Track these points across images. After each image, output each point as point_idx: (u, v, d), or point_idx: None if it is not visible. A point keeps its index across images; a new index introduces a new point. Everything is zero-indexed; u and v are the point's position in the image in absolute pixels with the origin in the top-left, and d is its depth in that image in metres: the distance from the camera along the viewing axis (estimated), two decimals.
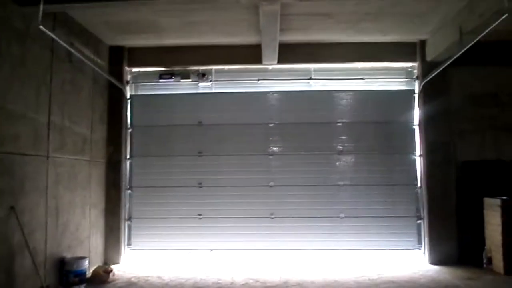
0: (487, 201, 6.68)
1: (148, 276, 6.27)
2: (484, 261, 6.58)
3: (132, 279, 6.17)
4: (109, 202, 7.21)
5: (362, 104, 7.54)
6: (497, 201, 6.40)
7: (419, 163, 7.34)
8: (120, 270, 6.63)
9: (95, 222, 6.78)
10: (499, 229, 6.30)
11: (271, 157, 7.55)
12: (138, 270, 6.67)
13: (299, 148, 7.50)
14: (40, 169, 5.19)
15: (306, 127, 7.53)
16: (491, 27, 5.00)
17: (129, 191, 7.53)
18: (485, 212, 6.70)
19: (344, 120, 7.54)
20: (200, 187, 7.52)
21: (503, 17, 4.69)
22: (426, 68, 7.10)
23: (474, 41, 5.47)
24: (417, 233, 7.28)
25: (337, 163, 7.50)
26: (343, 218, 7.33)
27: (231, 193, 7.46)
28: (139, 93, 7.79)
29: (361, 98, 7.55)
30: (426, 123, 7.21)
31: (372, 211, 7.30)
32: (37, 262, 4.95)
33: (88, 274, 6.00)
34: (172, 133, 7.62)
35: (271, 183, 7.48)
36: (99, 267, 6.31)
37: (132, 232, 7.49)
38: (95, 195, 6.81)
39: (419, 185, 7.33)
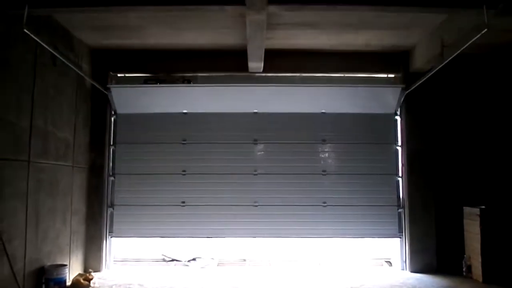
0: (467, 210, 6.82)
1: (130, 284, 6.18)
2: (464, 269, 6.70)
3: (113, 287, 6.08)
4: (91, 209, 7.10)
5: (346, 95, 7.55)
6: (476, 210, 6.53)
7: (400, 172, 7.45)
8: (101, 277, 6.53)
9: (76, 229, 6.67)
10: (477, 237, 6.43)
11: (255, 145, 7.58)
12: (119, 277, 6.58)
13: (284, 137, 7.53)
14: (20, 174, 5.09)
15: (291, 116, 7.57)
16: (470, 42, 5.12)
17: (112, 178, 7.43)
18: (465, 221, 6.84)
19: (328, 111, 7.61)
20: (184, 174, 7.47)
21: (483, 32, 4.79)
22: (409, 79, 7.21)
23: (455, 54, 5.59)
24: (398, 222, 7.37)
25: (321, 152, 7.59)
26: (325, 206, 7.39)
27: (215, 181, 7.42)
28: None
29: (345, 90, 7.56)
30: (408, 132, 7.34)
31: (354, 200, 7.39)
32: (15, 269, 4.83)
33: (68, 282, 5.90)
34: (156, 121, 7.57)
35: (255, 171, 7.49)
36: (79, 274, 6.20)
37: (114, 219, 7.39)
38: (77, 202, 6.70)
39: (400, 174, 7.45)
